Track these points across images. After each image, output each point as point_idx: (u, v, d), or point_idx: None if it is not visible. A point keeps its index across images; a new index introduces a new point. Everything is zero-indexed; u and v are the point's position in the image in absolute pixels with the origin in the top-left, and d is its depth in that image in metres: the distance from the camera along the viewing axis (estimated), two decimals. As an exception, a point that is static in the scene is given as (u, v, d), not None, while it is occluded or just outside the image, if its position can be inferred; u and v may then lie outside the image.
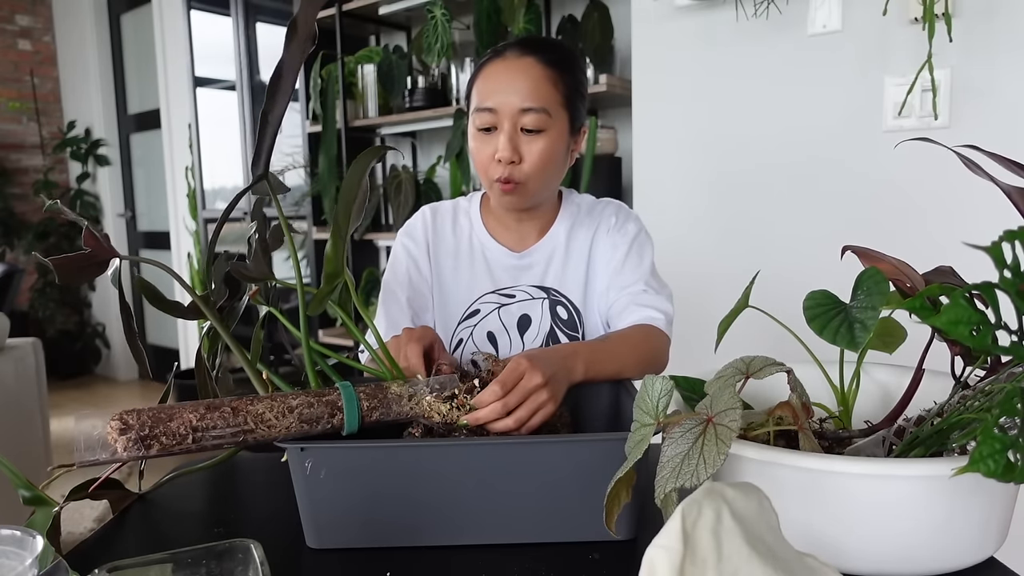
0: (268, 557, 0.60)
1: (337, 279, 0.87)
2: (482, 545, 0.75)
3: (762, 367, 0.67)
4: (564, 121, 1.06)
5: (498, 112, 1.03)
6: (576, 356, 0.92)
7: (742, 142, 1.91)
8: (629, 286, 1.10)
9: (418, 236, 1.18)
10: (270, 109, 0.80)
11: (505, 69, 1.04)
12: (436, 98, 2.78)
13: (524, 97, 1.02)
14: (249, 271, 0.88)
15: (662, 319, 1.07)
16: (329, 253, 0.85)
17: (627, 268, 1.12)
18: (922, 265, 0.74)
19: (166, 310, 0.87)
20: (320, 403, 0.75)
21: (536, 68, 1.03)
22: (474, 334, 1.14)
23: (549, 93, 1.03)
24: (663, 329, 1.07)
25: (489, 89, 1.04)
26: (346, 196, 0.85)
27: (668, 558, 0.43)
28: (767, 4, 1.80)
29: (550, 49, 1.06)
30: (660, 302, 1.09)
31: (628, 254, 1.13)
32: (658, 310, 1.07)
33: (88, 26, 4.59)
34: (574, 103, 1.07)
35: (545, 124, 1.03)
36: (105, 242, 0.77)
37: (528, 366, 0.82)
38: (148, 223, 4.73)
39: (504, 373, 0.81)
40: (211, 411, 0.71)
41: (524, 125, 1.03)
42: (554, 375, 0.84)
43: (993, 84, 1.57)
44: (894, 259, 0.73)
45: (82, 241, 0.76)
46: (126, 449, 0.67)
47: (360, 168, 0.85)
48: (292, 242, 0.88)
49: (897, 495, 0.60)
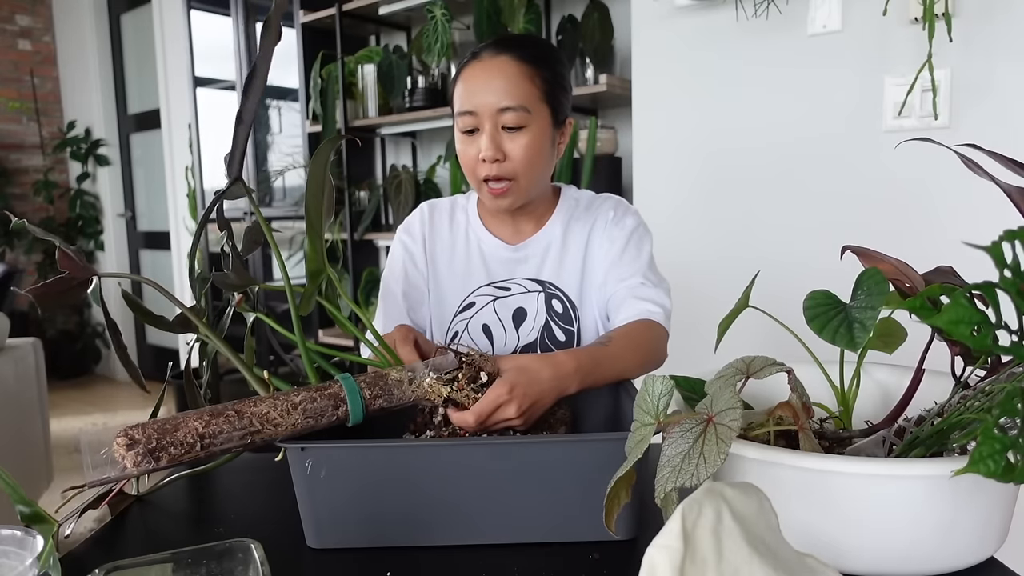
0: (268, 557, 0.60)
1: (320, 276, 0.87)
2: (482, 545, 0.75)
3: (762, 367, 0.67)
4: (546, 115, 1.06)
5: (478, 113, 1.04)
6: (572, 376, 0.90)
7: (742, 142, 1.91)
8: (627, 279, 1.10)
9: (415, 231, 1.20)
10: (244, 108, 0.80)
11: (482, 70, 1.05)
12: (436, 98, 2.78)
13: (501, 96, 1.03)
14: (231, 280, 0.88)
15: (660, 313, 1.07)
16: (308, 251, 0.86)
17: (625, 261, 1.12)
18: (922, 265, 0.74)
19: (155, 324, 0.87)
20: (323, 397, 0.76)
21: (511, 66, 1.04)
22: (470, 327, 1.15)
23: (527, 89, 1.04)
24: (661, 323, 1.07)
25: (468, 92, 1.05)
26: (314, 192, 0.85)
27: (668, 558, 0.43)
28: (767, 4, 1.79)
29: (525, 45, 1.07)
30: (658, 295, 1.09)
31: (626, 247, 1.13)
32: (656, 303, 1.07)
33: (88, 26, 4.59)
34: (555, 96, 1.07)
35: (525, 120, 1.04)
36: (81, 260, 0.77)
37: (506, 399, 0.82)
38: (148, 223, 4.73)
39: (483, 403, 0.82)
40: (216, 416, 0.71)
41: (505, 123, 1.04)
42: (535, 403, 0.85)
43: (993, 84, 1.57)
44: (894, 259, 0.73)
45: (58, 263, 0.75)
46: (136, 464, 0.67)
47: (321, 161, 0.85)
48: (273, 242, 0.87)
49: (897, 495, 0.60)
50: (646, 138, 2.08)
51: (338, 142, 0.89)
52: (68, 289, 0.77)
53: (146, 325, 4.84)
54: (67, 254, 0.75)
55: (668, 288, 1.12)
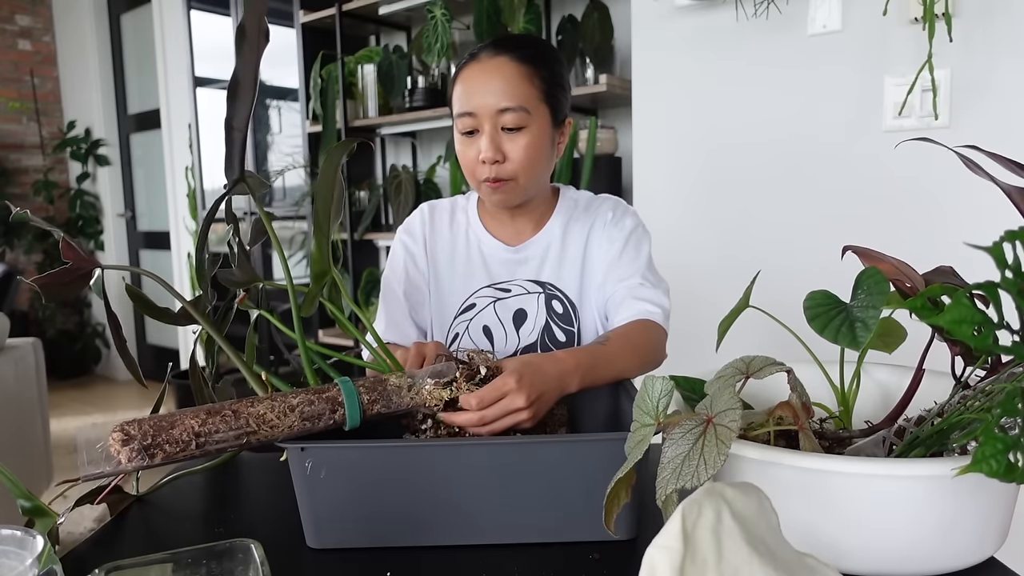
0: (268, 557, 0.60)
1: (325, 277, 0.87)
2: (482, 545, 0.75)
3: (762, 367, 0.67)
4: (545, 115, 1.07)
5: (477, 115, 1.04)
6: (573, 373, 0.89)
7: (742, 142, 1.90)
8: (626, 279, 1.10)
9: (416, 232, 1.20)
10: (232, 116, 0.79)
11: (480, 71, 1.05)
12: (436, 98, 2.78)
13: (500, 97, 1.03)
14: (235, 276, 0.88)
15: (659, 313, 1.07)
16: (314, 253, 0.86)
17: (624, 261, 1.12)
18: (922, 265, 0.74)
19: (157, 317, 0.87)
20: (320, 400, 0.75)
21: (509, 67, 1.04)
22: (470, 328, 1.15)
23: (525, 90, 1.04)
24: (660, 323, 1.07)
25: (467, 93, 1.05)
26: (323, 194, 0.85)
27: (668, 558, 0.43)
28: (767, 4, 1.79)
29: (523, 46, 1.07)
30: (657, 296, 1.09)
31: (625, 247, 1.13)
32: (655, 304, 1.07)
33: (88, 26, 4.59)
34: (554, 96, 1.07)
35: (525, 121, 1.04)
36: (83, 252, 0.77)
37: (514, 388, 0.80)
38: (148, 223, 4.72)
39: (487, 390, 0.80)
40: (212, 415, 0.71)
41: (504, 124, 1.04)
42: (542, 395, 0.84)
43: (993, 84, 1.57)
44: (894, 259, 0.73)
45: (61, 254, 0.75)
46: (130, 460, 0.67)
47: (332, 164, 0.85)
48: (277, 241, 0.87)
49: (897, 495, 0.60)
50: (646, 138, 2.08)
51: (351, 145, 0.88)
52: (72, 280, 0.77)
53: (146, 325, 4.81)
54: (70, 244, 0.76)
55: (667, 288, 1.12)
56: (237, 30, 0.78)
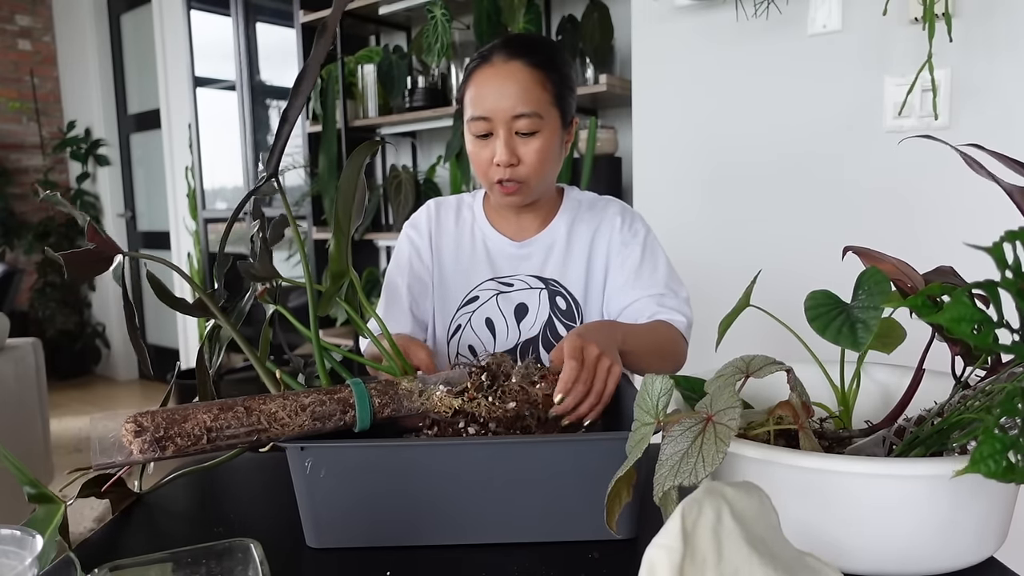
0: (268, 557, 0.60)
1: (343, 278, 0.87)
2: (482, 545, 0.75)
3: (762, 366, 0.67)
4: (556, 118, 1.08)
5: (492, 119, 1.06)
6: (615, 327, 0.96)
7: (742, 142, 1.90)
8: (649, 289, 1.13)
9: (421, 227, 1.23)
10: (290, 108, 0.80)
11: (494, 75, 1.06)
12: (436, 98, 2.78)
13: (516, 103, 1.04)
14: (256, 271, 0.88)
15: (683, 323, 1.10)
16: (333, 252, 0.85)
17: (645, 272, 1.14)
18: (922, 265, 0.74)
19: (173, 306, 0.87)
20: (332, 400, 0.76)
21: (524, 72, 1.05)
22: (472, 320, 1.17)
23: (539, 95, 1.05)
24: (683, 333, 1.10)
25: (481, 96, 1.06)
26: (345, 194, 0.85)
27: (668, 557, 0.43)
28: (767, 4, 1.79)
29: (535, 50, 1.08)
30: (680, 306, 1.12)
31: (643, 258, 1.15)
32: (680, 313, 1.11)
33: (88, 26, 4.59)
34: (564, 99, 1.09)
35: (539, 126, 1.06)
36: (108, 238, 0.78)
37: (582, 342, 0.84)
38: (148, 223, 4.72)
39: (567, 348, 0.83)
40: (225, 411, 0.71)
41: (518, 129, 1.05)
42: (607, 345, 0.87)
43: (993, 84, 1.56)
44: (895, 259, 0.73)
45: (86, 237, 0.77)
46: (142, 451, 0.68)
47: (356, 165, 0.85)
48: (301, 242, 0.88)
49: (897, 495, 0.60)
50: (646, 138, 2.08)
51: (376, 147, 0.90)
52: (97, 261, 0.79)
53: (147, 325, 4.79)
54: (96, 229, 0.77)
55: (687, 296, 1.15)
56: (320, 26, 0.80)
